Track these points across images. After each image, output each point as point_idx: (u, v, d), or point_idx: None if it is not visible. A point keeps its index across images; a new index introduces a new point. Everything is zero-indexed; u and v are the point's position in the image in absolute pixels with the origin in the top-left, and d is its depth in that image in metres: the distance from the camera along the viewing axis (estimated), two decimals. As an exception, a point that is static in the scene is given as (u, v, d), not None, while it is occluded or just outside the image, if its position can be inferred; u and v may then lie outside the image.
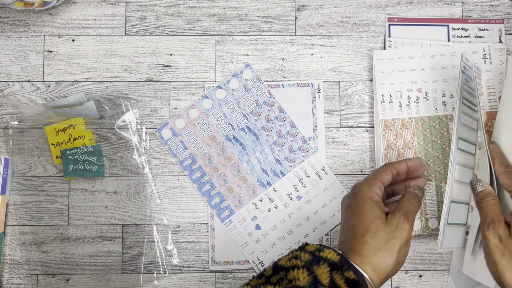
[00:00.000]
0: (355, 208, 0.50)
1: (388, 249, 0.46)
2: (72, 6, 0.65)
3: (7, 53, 0.64)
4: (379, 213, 0.48)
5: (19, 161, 0.63)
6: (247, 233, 0.62)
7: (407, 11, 0.65)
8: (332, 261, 0.45)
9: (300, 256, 0.46)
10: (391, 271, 0.47)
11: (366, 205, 0.49)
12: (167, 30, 0.65)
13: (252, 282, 0.45)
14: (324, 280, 0.43)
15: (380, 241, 0.47)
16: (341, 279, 0.44)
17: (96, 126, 0.64)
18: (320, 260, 0.45)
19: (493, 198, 0.50)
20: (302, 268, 0.44)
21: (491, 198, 0.50)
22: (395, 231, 0.47)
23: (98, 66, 0.64)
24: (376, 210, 0.48)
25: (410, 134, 0.62)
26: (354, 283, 0.44)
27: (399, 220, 0.48)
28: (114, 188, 0.63)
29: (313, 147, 0.63)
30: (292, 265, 0.45)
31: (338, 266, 0.44)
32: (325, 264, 0.44)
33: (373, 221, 0.48)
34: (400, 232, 0.47)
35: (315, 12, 0.65)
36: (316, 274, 0.43)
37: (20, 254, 0.62)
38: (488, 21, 0.64)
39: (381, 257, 0.46)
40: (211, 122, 0.64)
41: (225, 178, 0.63)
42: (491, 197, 0.50)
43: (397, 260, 0.47)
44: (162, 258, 0.62)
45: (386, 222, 0.48)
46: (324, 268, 0.44)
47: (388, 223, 0.48)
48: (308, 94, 0.64)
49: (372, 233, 0.47)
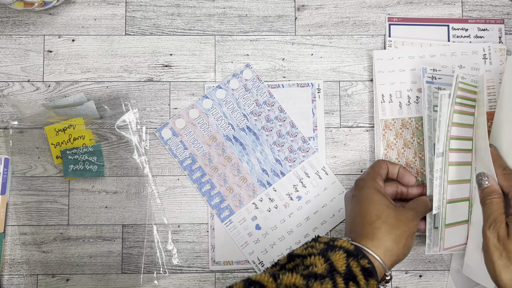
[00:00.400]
0: (362, 198, 0.52)
1: (399, 234, 0.49)
2: (72, 6, 0.65)
3: (7, 53, 0.64)
4: (388, 202, 0.51)
5: (19, 161, 0.63)
6: (247, 233, 0.62)
7: (407, 11, 0.65)
8: (348, 249, 0.46)
9: (315, 246, 0.47)
10: (400, 254, 0.49)
11: (375, 195, 0.51)
12: (167, 30, 0.65)
13: (269, 270, 0.45)
14: (340, 267, 0.44)
15: (390, 226, 0.49)
16: (357, 266, 0.45)
17: (96, 126, 0.64)
18: (335, 248, 0.46)
19: (498, 196, 0.50)
20: (318, 255, 0.45)
21: (496, 196, 0.50)
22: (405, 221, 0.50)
23: (98, 66, 0.64)
24: (385, 199, 0.51)
25: (410, 134, 0.62)
26: (368, 271, 0.45)
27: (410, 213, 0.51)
28: (114, 188, 0.63)
29: (313, 147, 0.63)
30: (308, 253, 0.46)
31: (354, 254, 0.45)
32: (341, 251, 0.45)
33: (385, 209, 0.50)
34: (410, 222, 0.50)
35: (315, 12, 0.65)
36: (332, 261, 0.44)
37: (20, 254, 0.62)
38: (488, 21, 0.64)
39: (392, 240, 0.48)
40: (211, 122, 0.64)
41: (225, 178, 0.63)
42: (496, 195, 0.50)
43: (406, 244, 0.49)
44: (162, 258, 0.62)
45: (397, 211, 0.50)
46: (341, 255, 0.45)
47: (399, 213, 0.50)
48: (308, 94, 0.64)
49: (383, 218, 0.49)
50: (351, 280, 0.43)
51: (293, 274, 0.42)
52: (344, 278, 0.43)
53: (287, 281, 0.41)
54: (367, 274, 0.45)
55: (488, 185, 0.51)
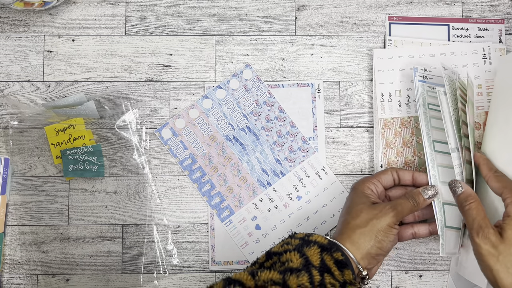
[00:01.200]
0: (347, 200, 0.55)
1: (368, 228, 0.50)
2: (72, 6, 0.65)
3: (7, 53, 0.64)
4: (364, 200, 0.52)
5: (19, 161, 0.63)
6: (247, 233, 0.62)
7: (407, 11, 0.65)
8: (322, 243, 0.48)
9: (291, 242, 0.49)
10: (371, 248, 0.49)
11: (355, 195, 0.53)
12: (167, 30, 0.65)
13: (248, 269, 0.47)
14: (315, 261, 0.46)
15: (360, 220, 0.50)
16: (331, 259, 0.47)
17: (96, 126, 0.64)
18: (310, 243, 0.48)
19: (474, 200, 0.49)
20: (293, 251, 0.47)
21: (472, 200, 0.49)
22: (378, 214, 0.50)
23: (98, 66, 0.64)
24: (363, 198, 0.53)
25: (409, 133, 0.62)
26: (342, 263, 0.47)
27: (385, 207, 0.51)
28: (114, 188, 0.63)
29: (313, 147, 0.63)
30: (284, 250, 0.48)
31: (327, 248, 0.47)
32: (315, 246, 0.47)
33: (357, 205, 0.52)
34: (383, 216, 0.50)
35: (315, 12, 0.65)
36: (307, 256, 0.46)
37: (20, 254, 0.62)
38: (488, 21, 0.64)
39: (360, 234, 0.50)
40: (211, 122, 0.64)
41: (225, 178, 0.63)
42: (472, 199, 0.49)
43: (376, 238, 0.49)
44: (162, 258, 0.62)
45: (371, 206, 0.51)
46: (315, 250, 0.47)
47: (372, 207, 0.51)
48: (308, 94, 0.64)
49: (353, 214, 0.51)
50: (326, 272, 0.45)
51: (270, 271, 0.44)
52: (319, 271, 0.45)
53: (265, 277, 0.43)
54: (341, 266, 0.46)
55: (462, 191, 0.50)
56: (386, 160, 0.62)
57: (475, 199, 0.49)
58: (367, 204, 0.52)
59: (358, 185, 0.55)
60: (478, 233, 0.47)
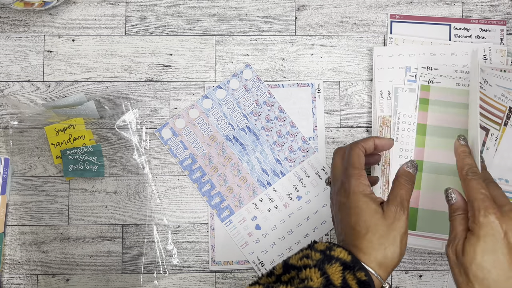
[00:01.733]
0: (350, 207, 0.49)
1: (390, 243, 0.47)
2: (72, 6, 0.65)
3: (7, 53, 0.64)
4: (375, 207, 0.48)
5: (19, 161, 0.63)
6: (247, 233, 0.62)
7: (407, 11, 0.65)
8: (344, 261, 0.45)
9: (311, 256, 0.46)
10: (396, 262, 0.47)
11: (361, 202, 0.48)
12: (167, 30, 0.65)
13: (262, 281, 0.45)
14: (336, 280, 0.43)
15: (381, 236, 0.47)
16: (353, 279, 0.44)
17: (96, 126, 0.64)
18: (332, 259, 0.45)
19: (462, 213, 0.48)
20: (314, 267, 0.44)
21: (460, 212, 0.48)
22: (394, 224, 0.47)
23: (98, 66, 0.64)
24: (372, 204, 0.48)
25: (410, 134, 0.62)
26: (365, 284, 0.44)
27: (396, 211, 0.48)
28: (114, 188, 0.63)
29: (313, 147, 0.63)
30: (304, 264, 0.45)
31: (350, 266, 0.44)
32: (337, 263, 0.44)
33: (372, 218, 0.47)
34: (399, 223, 0.47)
35: (315, 12, 0.65)
36: (328, 274, 0.43)
37: (20, 254, 0.62)
38: (490, 22, 0.64)
39: (385, 251, 0.46)
40: (211, 122, 0.64)
41: (225, 178, 0.63)
42: (461, 212, 0.48)
43: (400, 250, 0.47)
44: (162, 258, 0.62)
45: (384, 216, 0.48)
46: (337, 268, 0.44)
47: (386, 217, 0.48)
48: (308, 94, 0.64)
49: (373, 229, 0.47)
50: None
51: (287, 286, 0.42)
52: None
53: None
54: (363, 287, 0.44)
55: (455, 201, 0.49)
56: (383, 158, 0.62)
57: (463, 212, 0.48)
58: (379, 213, 0.48)
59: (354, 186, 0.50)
60: (450, 243, 0.47)
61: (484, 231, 0.44)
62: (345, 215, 0.50)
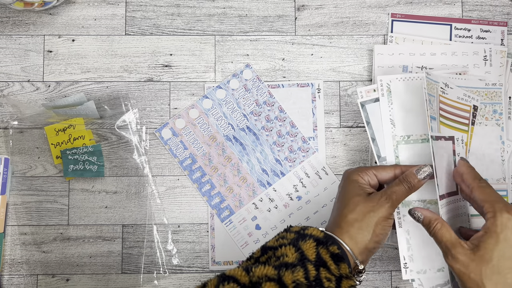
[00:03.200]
0: (341, 190, 0.52)
1: (365, 221, 0.48)
2: (72, 6, 0.65)
3: (7, 53, 0.64)
4: (359, 192, 0.50)
5: (19, 161, 0.63)
6: (247, 233, 0.62)
7: (407, 11, 0.65)
8: (317, 237, 0.47)
9: (286, 236, 0.48)
10: (369, 242, 0.48)
11: (349, 186, 0.51)
12: (167, 30, 0.65)
13: (243, 265, 0.46)
14: (311, 255, 0.45)
15: (357, 214, 0.49)
16: (327, 253, 0.46)
17: (96, 126, 0.64)
18: (306, 237, 0.47)
19: (437, 222, 0.48)
20: (288, 245, 0.46)
21: (435, 223, 0.48)
22: (374, 206, 0.49)
23: (98, 66, 0.64)
24: (358, 189, 0.50)
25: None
26: (338, 256, 0.46)
27: (380, 198, 0.49)
28: (114, 188, 0.63)
29: (313, 147, 0.63)
30: (279, 244, 0.47)
31: (323, 241, 0.46)
32: (311, 240, 0.46)
33: (353, 197, 0.50)
34: (379, 208, 0.49)
35: (315, 12, 0.65)
36: (302, 250, 0.45)
37: (20, 254, 0.62)
38: (491, 23, 0.64)
39: (357, 228, 0.48)
40: (211, 122, 0.64)
41: (225, 178, 0.63)
42: (435, 222, 0.48)
43: (374, 232, 0.48)
44: (162, 258, 0.62)
45: (367, 198, 0.50)
46: (310, 244, 0.46)
47: (368, 199, 0.49)
48: (308, 94, 0.64)
49: (350, 207, 0.49)
50: (321, 266, 0.44)
51: (265, 266, 0.43)
52: (315, 265, 0.44)
53: (259, 273, 0.43)
54: (337, 260, 0.45)
55: (422, 218, 0.49)
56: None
57: (437, 220, 0.48)
58: (363, 196, 0.50)
59: (352, 174, 0.52)
60: (447, 255, 0.46)
61: (505, 234, 0.44)
62: (336, 199, 0.53)
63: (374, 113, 0.57)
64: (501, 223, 0.44)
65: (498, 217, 0.44)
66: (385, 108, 0.56)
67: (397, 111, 0.56)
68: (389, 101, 0.56)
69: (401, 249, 0.55)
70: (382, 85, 0.57)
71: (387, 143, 0.56)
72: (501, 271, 0.43)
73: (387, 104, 0.56)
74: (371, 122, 0.57)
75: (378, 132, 0.56)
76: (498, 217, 0.44)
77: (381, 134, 0.56)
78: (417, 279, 0.54)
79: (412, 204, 0.54)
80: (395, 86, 0.57)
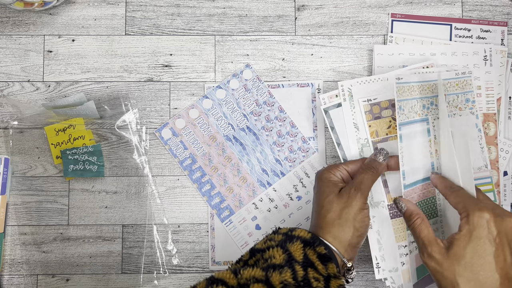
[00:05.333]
0: (316, 191, 0.53)
1: (343, 218, 0.49)
2: (72, 6, 0.65)
3: (7, 53, 0.64)
4: (333, 189, 0.51)
5: (19, 161, 0.63)
6: (247, 233, 0.62)
7: (407, 11, 0.65)
8: (305, 238, 0.47)
9: (274, 238, 0.49)
10: (351, 238, 0.49)
11: (323, 186, 0.52)
12: (167, 30, 0.65)
13: (231, 267, 0.47)
14: (298, 256, 0.45)
15: (334, 213, 0.49)
16: (314, 254, 0.46)
17: (96, 126, 0.64)
18: (293, 238, 0.47)
19: (418, 217, 0.49)
20: (276, 247, 0.46)
21: (415, 217, 0.49)
22: (347, 201, 0.50)
23: (98, 66, 0.64)
24: (331, 187, 0.51)
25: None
26: (325, 257, 0.46)
27: (350, 191, 0.50)
28: (114, 188, 0.63)
29: (313, 147, 0.63)
30: (267, 246, 0.47)
31: (310, 243, 0.47)
32: (298, 241, 0.47)
33: (327, 197, 0.51)
34: (352, 201, 0.49)
35: (315, 12, 0.65)
36: (290, 252, 0.46)
37: (20, 254, 0.62)
38: (491, 23, 0.64)
39: (338, 226, 0.49)
40: (211, 122, 0.64)
41: (225, 178, 0.63)
42: (416, 216, 0.49)
43: (354, 227, 0.49)
44: (162, 258, 0.62)
45: (339, 195, 0.50)
46: (298, 245, 0.46)
47: (340, 196, 0.50)
48: (308, 94, 0.64)
49: (326, 207, 0.50)
50: (309, 267, 0.45)
51: (253, 268, 0.44)
52: (303, 266, 0.45)
53: (247, 275, 0.43)
54: (324, 260, 0.46)
55: (405, 209, 0.51)
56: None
57: (418, 215, 0.49)
58: (335, 192, 0.51)
59: (324, 173, 0.53)
60: (423, 252, 0.47)
61: (477, 232, 0.45)
62: (314, 198, 0.53)
63: (338, 118, 0.58)
64: (473, 222, 0.45)
65: (470, 216, 0.46)
66: (348, 113, 0.58)
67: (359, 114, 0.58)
68: (351, 105, 0.58)
69: (373, 249, 0.55)
70: (344, 90, 0.58)
71: (352, 147, 0.57)
72: (473, 268, 0.44)
73: (350, 108, 0.58)
74: (335, 127, 0.58)
75: (343, 137, 0.58)
76: (470, 216, 0.46)
77: (346, 138, 0.58)
78: (389, 277, 0.55)
79: (380, 205, 0.56)
80: (357, 90, 0.58)
